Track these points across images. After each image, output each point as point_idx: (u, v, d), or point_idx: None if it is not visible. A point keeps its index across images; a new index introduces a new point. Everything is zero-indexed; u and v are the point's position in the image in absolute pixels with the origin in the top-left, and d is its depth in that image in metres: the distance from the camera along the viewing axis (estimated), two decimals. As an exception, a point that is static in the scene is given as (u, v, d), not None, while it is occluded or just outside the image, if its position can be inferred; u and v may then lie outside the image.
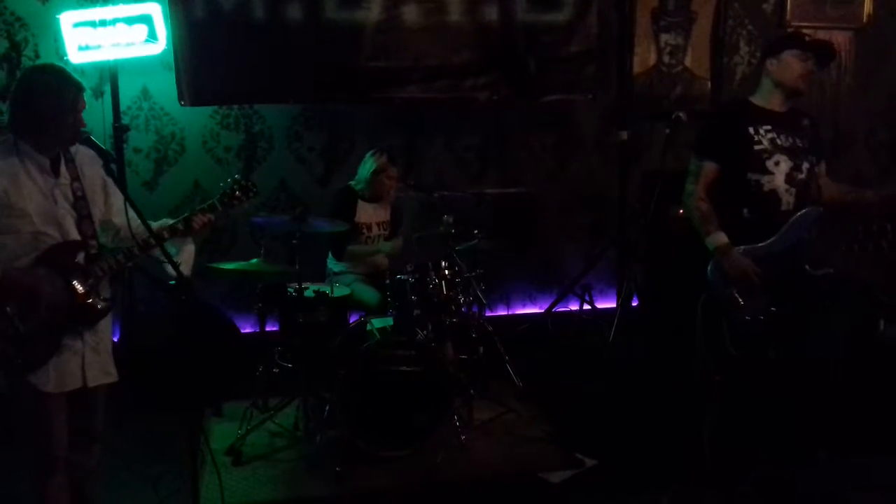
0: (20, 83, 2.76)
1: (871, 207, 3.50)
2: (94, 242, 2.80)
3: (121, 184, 2.78)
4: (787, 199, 3.38)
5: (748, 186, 3.38)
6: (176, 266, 2.63)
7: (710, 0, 5.70)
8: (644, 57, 5.68)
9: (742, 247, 3.38)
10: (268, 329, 4.54)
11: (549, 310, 5.68)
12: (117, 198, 2.92)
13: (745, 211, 3.41)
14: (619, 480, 3.66)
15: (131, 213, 2.77)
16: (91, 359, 2.80)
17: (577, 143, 5.76)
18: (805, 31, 5.78)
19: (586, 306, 5.65)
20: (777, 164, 3.37)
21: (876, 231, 3.43)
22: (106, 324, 2.88)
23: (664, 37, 5.71)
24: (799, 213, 3.35)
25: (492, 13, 5.12)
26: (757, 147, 3.37)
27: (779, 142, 3.39)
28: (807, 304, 3.36)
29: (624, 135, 5.53)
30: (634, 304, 5.40)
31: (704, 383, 3.63)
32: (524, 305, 5.86)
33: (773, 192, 3.37)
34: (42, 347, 2.69)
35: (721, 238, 3.39)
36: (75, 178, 2.78)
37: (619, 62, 5.62)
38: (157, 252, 2.83)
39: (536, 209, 5.72)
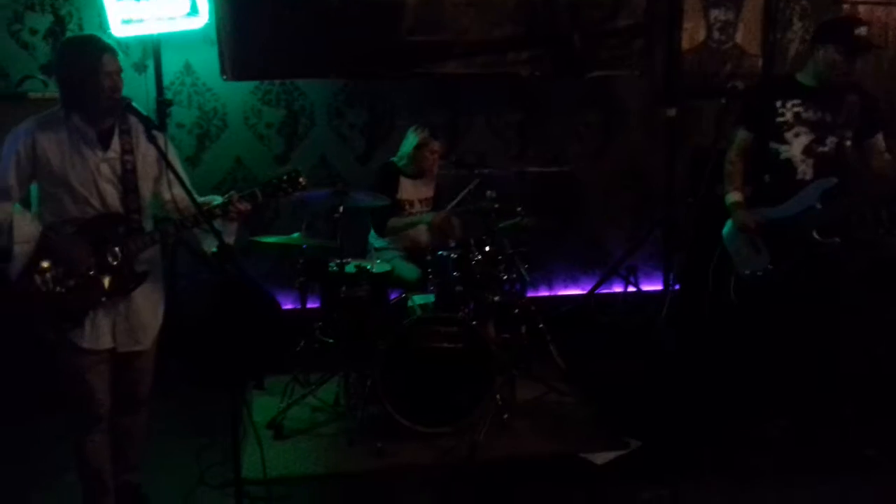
0: (55, 59, 2.85)
1: None
2: (136, 217, 2.82)
3: (163, 156, 2.75)
4: (804, 169, 3.62)
5: (769, 154, 3.68)
6: (219, 234, 2.61)
7: (763, -26, 5.52)
8: (693, 33, 5.51)
9: (762, 209, 3.70)
10: (309, 306, 4.53)
11: (592, 291, 5.58)
12: (172, 172, 2.91)
13: (766, 177, 3.73)
14: (664, 462, 3.58)
15: (177, 188, 2.76)
16: (122, 325, 2.84)
17: (621, 121, 5.63)
18: (861, 6, 5.70)
19: (631, 288, 5.53)
20: (797, 135, 3.62)
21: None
22: (142, 295, 2.89)
23: (714, 12, 5.54)
24: (813, 183, 3.59)
25: (535, -14, 5.01)
26: (779, 119, 3.64)
27: (804, 116, 3.61)
28: (806, 269, 3.61)
29: (672, 112, 5.39)
30: (677, 287, 5.28)
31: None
32: (567, 287, 5.76)
33: (789, 162, 3.64)
34: (74, 308, 2.74)
35: (736, 196, 3.78)
36: (128, 150, 2.80)
37: (668, 38, 5.46)
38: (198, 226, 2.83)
39: (579, 188, 5.61)
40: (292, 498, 3.36)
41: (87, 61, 2.67)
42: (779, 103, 3.65)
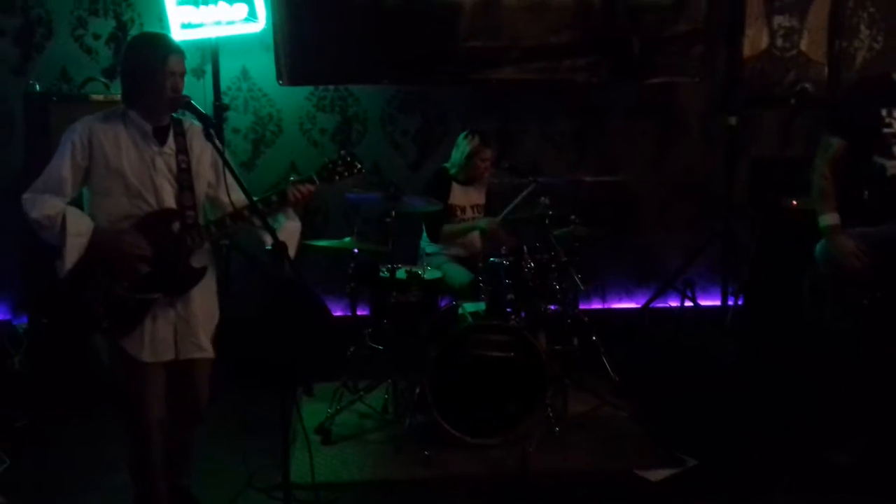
0: (123, 52, 2.87)
1: None
2: (191, 213, 2.80)
3: (220, 153, 2.75)
4: None
5: (871, 169, 3.29)
6: (273, 231, 2.59)
7: (830, -21, 5.35)
8: (755, 40, 5.37)
9: (858, 228, 3.31)
10: (359, 313, 4.50)
11: (646, 304, 5.44)
12: (230, 176, 2.90)
13: (866, 193, 3.34)
14: (723, 482, 3.44)
15: (235, 192, 2.74)
16: (183, 330, 2.81)
17: (679, 129, 5.51)
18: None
19: (688, 302, 5.38)
20: None
21: None
22: (200, 297, 2.86)
23: (778, 19, 5.39)
24: None
25: (594, -9, 4.94)
26: (886, 130, 3.25)
27: None
28: None
29: (732, 120, 5.24)
30: (740, 302, 5.11)
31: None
32: (620, 300, 5.64)
33: (895, 179, 3.25)
34: (130, 312, 2.71)
35: (833, 219, 3.33)
36: (182, 150, 2.80)
37: (729, 45, 5.33)
38: (252, 222, 2.80)
39: (635, 198, 5.50)
40: (339, 503, 3.31)
41: (154, 59, 2.68)
42: (884, 112, 3.26)
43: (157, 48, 2.72)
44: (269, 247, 2.57)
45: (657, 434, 3.93)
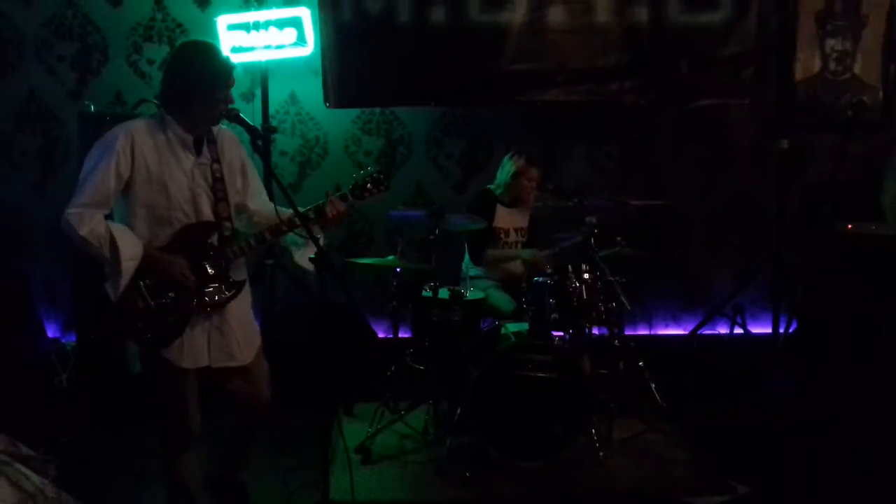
0: (173, 58, 2.80)
1: None
2: (228, 224, 2.79)
3: (267, 168, 2.76)
4: None
5: None
6: (316, 240, 2.59)
7: (884, 2, 5.23)
8: (807, 63, 5.27)
9: None
10: (401, 335, 4.47)
11: (694, 330, 5.31)
12: (254, 182, 2.93)
13: None
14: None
15: (258, 200, 2.76)
16: (216, 339, 2.79)
17: (729, 153, 5.42)
18: None
19: (738, 329, 5.23)
20: None
21: None
22: (237, 307, 2.85)
23: (830, 42, 5.28)
24: None
25: (641, 13, 4.93)
26: None
27: None
28: None
29: (784, 143, 5.12)
30: (792, 329, 4.94)
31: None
32: (667, 326, 5.52)
33: None
34: (171, 324, 2.71)
35: None
36: (216, 159, 2.79)
37: (780, 67, 5.24)
38: (287, 237, 2.82)
39: (683, 223, 5.40)
40: (377, 523, 3.26)
41: (216, 71, 2.66)
42: None
43: (220, 61, 2.69)
44: (312, 255, 2.57)
45: (706, 461, 3.79)
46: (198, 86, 2.66)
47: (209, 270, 2.75)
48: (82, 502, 2.83)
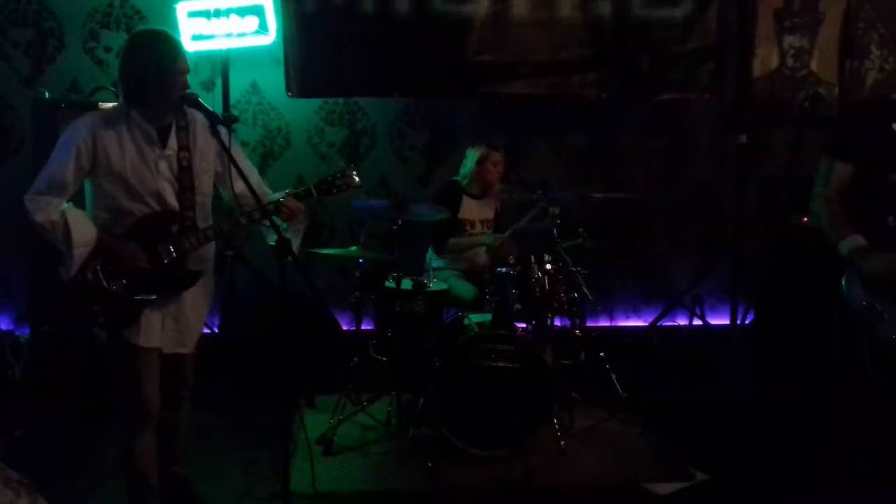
0: (125, 48, 2.78)
1: None
2: (191, 214, 2.79)
3: (228, 156, 2.72)
4: None
5: (893, 190, 2.92)
6: (277, 228, 2.56)
7: (840, 0, 5.34)
8: (765, 59, 5.35)
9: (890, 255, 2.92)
10: (364, 328, 4.46)
11: (654, 322, 5.37)
12: (241, 165, 2.87)
13: (891, 219, 2.93)
14: (734, 497, 3.34)
15: (241, 184, 2.72)
16: (170, 326, 2.81)
17: (689, 148, 5.48)
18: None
19: (696, 321, 5.31)
20: None
21: None
22: (192, 297, 2.86)
23: (788, 38, 5.37)
24: None
25: (604, 8, 4.96)
26: None
27: None
28: None
29: (742, 138, 5.21)
30: (748, 321, 5.04)
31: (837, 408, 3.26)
32: (628, 318, 5.58)
33: None
34: (126, 308, 2.71)
35: (858, 240, 2.92)
36: (184, 147, 2.77)
37: (739, 64, 5.32)
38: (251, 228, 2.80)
39: (644, 216, 5.44)
40: (339, 513, 3.25)
41: (165, 57, 2.65)
42: None
43: (168, 46, 2.69)
44: (272, 242, 2.54)
45: (665, 448, 3.85)
46: (151, 74, 2.65)
47: (165, 259, 2.74)
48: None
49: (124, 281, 2.68)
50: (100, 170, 2.67)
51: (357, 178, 2.91)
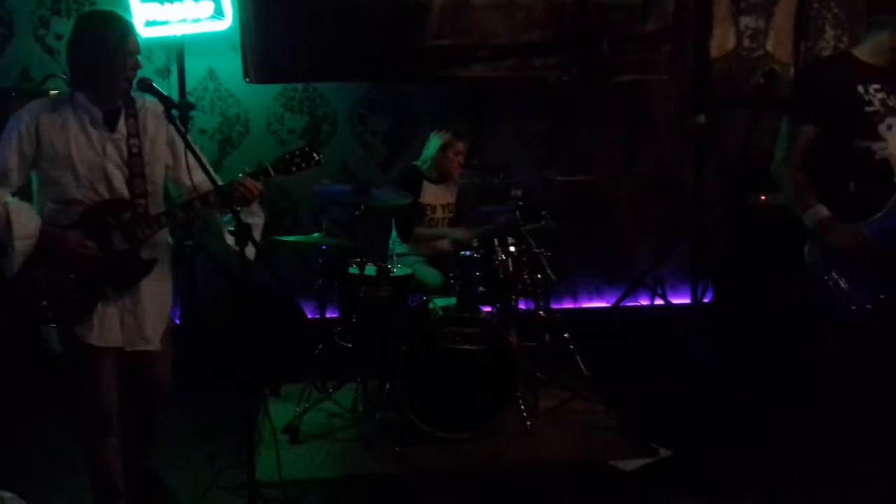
0: (72, 32, 2.70)
1: None
2: (142, 202, 2.71)
3: (185, 141, 2.67)
4: None
5: (855, 155, 2.87)
6: (236, 213, 2.52)
7: (795, -20, 5.43)
8: (722, 40, 5.43)
9: (854, 224, 2.88)
10: (328, 316, 4.43)
11: (617, 303, 5.44)
12: (190, 158, 2.83)
13: (852, 184, 2.89)
14: (697, 472, 3.40)
15: (198, 174, 2.67)
16: (130, 322, 2.73)
17: (650, 130, 5.54)
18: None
19: (658, 300, 5.38)
20: (889, 128, 2.83)
21: None
22: (150, 289, 2.77)
23: (744, 20, 5.46)
24: None
25: (564, -11, 4.96)
26: (868, 108, 2.84)
27: (890, 103, 2.85)
28: None
29: (701, 118, 5.27)
30: (708, 299, 5.11)
31: (794, 379, 3.33)
32: (591, 299, 5.63)
33: (885, 162, 2.84)
34: (77, 303, 2.64)
35: (822, 211, 2.90)
36: (134, 134, 2.70)
37: (696, 45, 5.37)
38: (208, 212, 2.75)
39: (606, 198, 5.50)
40: (307, 500, 3.23)
41: (114, 37, 2.59)
42: (860, 88, 2.86)
43: (116, 26, 2.62)
44: (231, 228, 2.50)
45: (629, 426, 3.90)
46: (98, 56, 2.59)
47: (118, 248, 2.66)
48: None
49: (72, 275, 2.60)
50: (44, 156, 2.59)
51: (316, 156, 2.85)
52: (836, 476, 3.17)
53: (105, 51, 2.58)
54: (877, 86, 2.88)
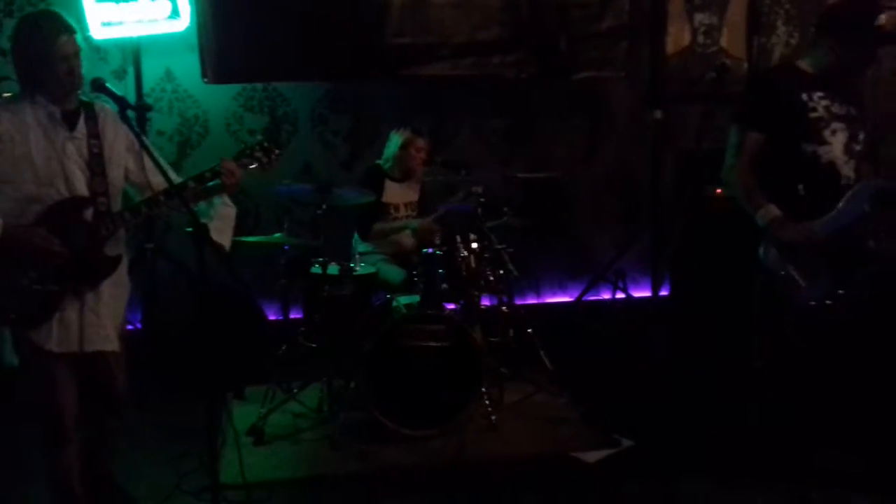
0: (12, 36, 2.68)
1: None
2: (104, 200, 2.69)
3: (140, 142, 2.66)
4: (847, 172, 3.03)
5: (803, 159, 3.03)
6: (194, 213, 2.52)
7: (747, -22, 5.53)
8: (678, 37, 5.49)
9: (806, 224, 3.03)
10: (292, 317, 4.42)
11: (580, 297, 5.49)
12: (148, 159, 2.80)
13: (801, 187, 3.04)
14: (659, 462, 3.46)
15: (158, 176, 2.66)
16: (90, 321, 2.69)
17: (608, 126, 5.60)
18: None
19: (619, 294, 5.45)
20: (834, 133, 3.03)
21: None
22: (111, 288, 2.76)
23: (698, 16, 5.53)
24: (858, 185, 3.01)
25: (521, -12, 4.99)
26: (812, 115, 3.02)
27: (833, 109, 3.05)
28: (877, 285, 2.98)
29: (658, 114, 5.34)
30: (665, 292, 5.19)
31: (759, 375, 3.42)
32: (555, 294, 5.68)
33: (831, 165, 3.01)
34: (39, 304, 2.60)
35: (773, 210, 3.03)
36: (94, 134, 2.69)
37: (652, 42, 5.44)
38: (171, 208, 2.72)
39: (567, 194, 5.54)
40: (272, 501, 3.23)
41: (41, 42, 2.57)
42: (804, 95, 3.04)
43: (44, 30, 2.59)
44: (188, 228, 2.49)
45: (592, 418, 3.95)
46: (32, 58, 2.59)
47: (80, 246, 2.64)
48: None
49: (32, 273, 2.57)
50: (3, 154, 2.56)
51: (276, 149, 2.88)
52: (795, 463, 3.27)
53: (38, 53, 2.57)
54: (820, 93, 3.06)
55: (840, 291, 2.97)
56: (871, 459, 3.32)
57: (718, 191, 4.68)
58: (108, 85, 2.62)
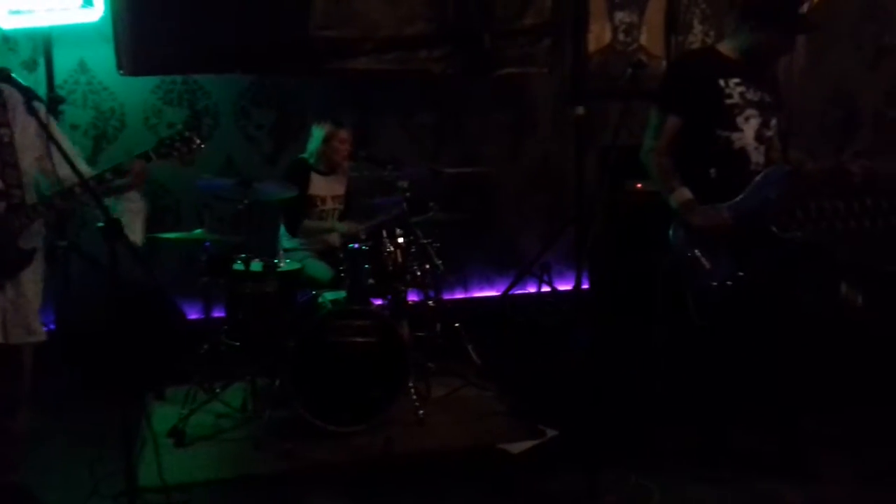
0: None
1: (810, 178, 3.28)
2: (17, 192, 2.62)
3: (47, 133, 2.57)
4: (757, 158, 3.16)
5: (716, 144, 3.15)
6: (105, 209, 2.43)
7: (665, -22, 5.67)
8: (599, 35, 5.60)
9: (716, 206, 3.15)
10: (216, 314, 4.31)
11: (506, 291, 5.54)
12: (62, 146, 2.71)
13: (713, 171, 3.16)
14: (582, 450, 3.51)
15: (66, 167, 2.57)
16: (12, 314, 2.64)
17: (533, 122, 5.67)
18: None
19: (545, 287, 5.53)
20: (747, 119, 3.15)
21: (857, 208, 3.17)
22: (30, 280, 2.71)
23: (619, 14, 5.65)
24: (766, 171, 3.14)
25: (445, -18, 4.99)
26: (728, 101, 3.13)
27: (748, 96, 3.16)
28: (774, 268, 3.12)
29: (580, 110, 5.39)
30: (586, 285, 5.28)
31: (662, 354, 3.54)
32: (482, 288, 5.72)
33: (743, 150, 3.15)
34: None
35: (685, 194, 3.16)
36: (4, 123, 2.61)
37: (574, 40, 5.53)
38: (84, 200, 2.65)
39: (493, 189, 5.60)
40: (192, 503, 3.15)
41: None
42: (721, 82, 3.13)
43: None
44: (100, 223, 2.41)
45: (518, 410, 4.00)
46: None
47: None
48: None
49: None
50: None
51: (198, 140, 2.82)
52: (709, 445, 3.40)
53: None
54: (737, 80, 3.15)
55: (741, 273, 3.09)
56: (775, 438, 3.45)
57: (638, 185, 4.80)
58: (13, 75, 2.52)
